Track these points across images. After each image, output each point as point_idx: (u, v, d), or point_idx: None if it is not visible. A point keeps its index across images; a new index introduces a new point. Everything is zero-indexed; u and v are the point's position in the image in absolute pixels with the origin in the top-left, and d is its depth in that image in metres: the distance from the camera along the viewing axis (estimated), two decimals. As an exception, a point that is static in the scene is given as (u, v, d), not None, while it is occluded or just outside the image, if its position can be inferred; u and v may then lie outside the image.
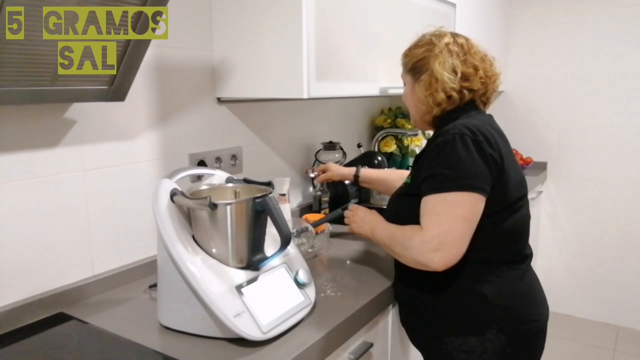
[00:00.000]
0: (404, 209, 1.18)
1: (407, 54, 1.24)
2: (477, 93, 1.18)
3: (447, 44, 1.16)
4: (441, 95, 1.15)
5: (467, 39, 1.21)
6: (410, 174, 1.22)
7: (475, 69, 1.17)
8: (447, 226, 1.02)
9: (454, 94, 1.15)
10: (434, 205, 1.05)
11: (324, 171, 1.69)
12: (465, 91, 1.16)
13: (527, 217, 1.19)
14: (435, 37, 1.19)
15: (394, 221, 1.19)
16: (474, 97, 1.18)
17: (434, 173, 1.07)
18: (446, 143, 1.06)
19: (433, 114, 1.18)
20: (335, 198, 1.87)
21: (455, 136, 1.06)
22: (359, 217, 1.31)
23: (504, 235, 1.12)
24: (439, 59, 1.15)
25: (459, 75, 1.15)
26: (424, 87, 1.17)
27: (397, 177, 1.57)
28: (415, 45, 1.22)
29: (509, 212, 1.12)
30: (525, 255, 1.19)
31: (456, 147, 1.05)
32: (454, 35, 1.21)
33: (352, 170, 1.65)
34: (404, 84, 1.28)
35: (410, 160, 2.46)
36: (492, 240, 1.11)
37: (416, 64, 1.20)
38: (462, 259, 1.06)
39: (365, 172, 1.64)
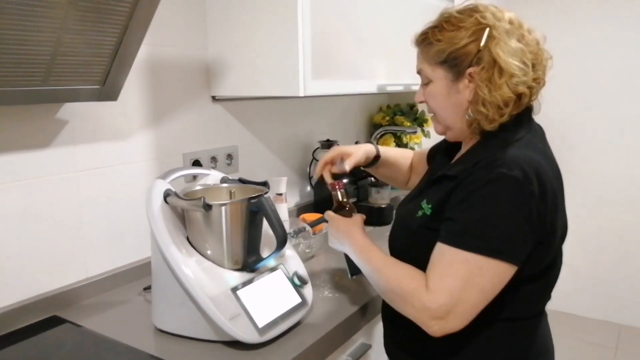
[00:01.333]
0: (427, 246, 0.89)
1: (439, 38, 0.91)
2: (538, 88, 0.92)
3: (510, 22, 0.89)
4: (507, 94, 0.86)
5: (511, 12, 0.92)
6: (431, 198, 0.94)
7: (535, 53, 0.90)
8: (459, 295, 0.82)
9: (525, 90, 0.88)
10: (450, 262, 0.84)
11: (332, 162, 1.22)
12: (534, 84, 0.90)
13: (561, 264, 0.98)
14: (486, 14, 0.89)
15: (410, 256, 0.94)
16: (533, 97, 0.92)
17: (461, 218, 0.85)
18: (489, 184, 0.83)
19: (500, 120, 0.89)
20: (330, 198, 1.85)
21: (504, 178, 0.82)
22: (333, 229, 1.09)
23: (542, 291, 0.95)
24: (501, 44, 0.86)
25: (530, 63, 0.88)
26: (485, 83, 0.87)
27: (406, 158, 1.32)
28: (453, 26, 0.90)
29: (553, 267, 0.94)
30: (545, 304, 1.00)
31: (501, 196, 0.82)
32: (497, 8, 0.91)
33: (370, 148, 1.25)
34: (426, 81, 0.97)
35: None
36: (523, 300, 0.92)
37: (458, 52, 0.89)
38: (485, 317, 0.87)
39: (383, 150, 1.28)
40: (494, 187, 0.82)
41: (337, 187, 1.18)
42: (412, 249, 0.96)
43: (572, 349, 2.76)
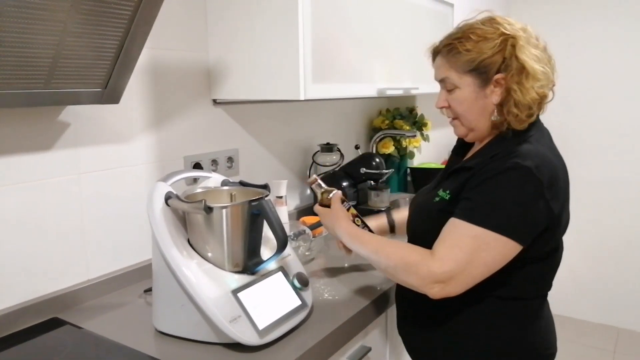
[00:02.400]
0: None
1: (468, 49, 0.98)
2: (551, 87, 1.02)
3: (524, 32, 0.98)
4: (535, 97, 0.96)
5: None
6: (447, 187, 1.03)
7: (549, 60, 1.01)
8: (463, 265, 0.91)
9: (547, 92, 0.99)
10: (460, 235, 0.93)
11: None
12: (551, 85, 1.00)
13: (562, 250, 1.06)
14: (506, 25, 0.98)
15: (430, 238, 0.99)
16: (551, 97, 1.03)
17: (476, 198, 0.93)
18: (504, 171, 0.92)
19: (528, 121, 0.98)
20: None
21: (517, 168, 0.91)
22: (323, 222, 1.21)
23: (545, 274, 1.03)
24: (525, 51, 0.95)
25: (550, 68, 0.99)
26: (517, 86, 0.96)
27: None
28: (479, 37, 0.98)
29: (556, 252, 1.02)
30: (548, 289, 1.08)
31: (513, 183, 0.91)
32: (510, 19, 1.01)
33: (383, 219, 1.34)
34: (452, 88, 1.03)
35: (409, 162, 2.45)
36: (528, 280, 1.00)
37: (486, 61, 0.97)
38: (492, 295, 0.98)
39: (396, 216, 1.35)
40: (508, 174, 0.92)
41: (313, 183, 1.26)
42: (432, 231, 1.00)
43: (570, 352, 2.76)
